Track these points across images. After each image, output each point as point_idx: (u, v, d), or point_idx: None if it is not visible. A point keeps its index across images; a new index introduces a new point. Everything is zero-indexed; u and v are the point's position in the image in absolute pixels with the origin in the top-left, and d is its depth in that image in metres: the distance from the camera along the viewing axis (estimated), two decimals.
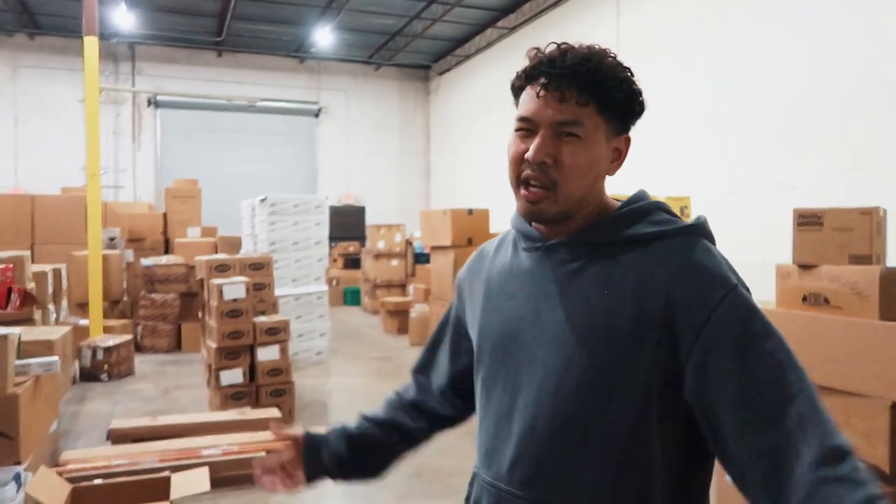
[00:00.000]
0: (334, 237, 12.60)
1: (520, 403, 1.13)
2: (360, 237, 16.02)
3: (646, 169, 9.94)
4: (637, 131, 1.23)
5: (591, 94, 1.08)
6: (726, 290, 1.03)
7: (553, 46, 1.13)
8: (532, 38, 13.21)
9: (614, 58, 1.13)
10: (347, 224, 16.38)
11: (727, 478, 1.01)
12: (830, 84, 7.41)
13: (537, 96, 1.10)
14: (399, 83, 18.42)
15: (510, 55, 13.52)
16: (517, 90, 1.16)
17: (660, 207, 1.17)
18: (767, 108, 8.21)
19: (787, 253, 3.52)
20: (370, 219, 16.17)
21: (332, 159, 17.71)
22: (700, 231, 1.14)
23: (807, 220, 3.40)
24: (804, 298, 3.37)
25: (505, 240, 1.33)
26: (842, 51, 7.29)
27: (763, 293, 4.47)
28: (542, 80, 1.09)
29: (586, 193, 1.13)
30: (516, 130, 1.14)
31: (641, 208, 1.16)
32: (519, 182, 1.13)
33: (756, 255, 7.92)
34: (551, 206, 1.11)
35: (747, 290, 1.07)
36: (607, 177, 1.18)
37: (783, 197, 7.56)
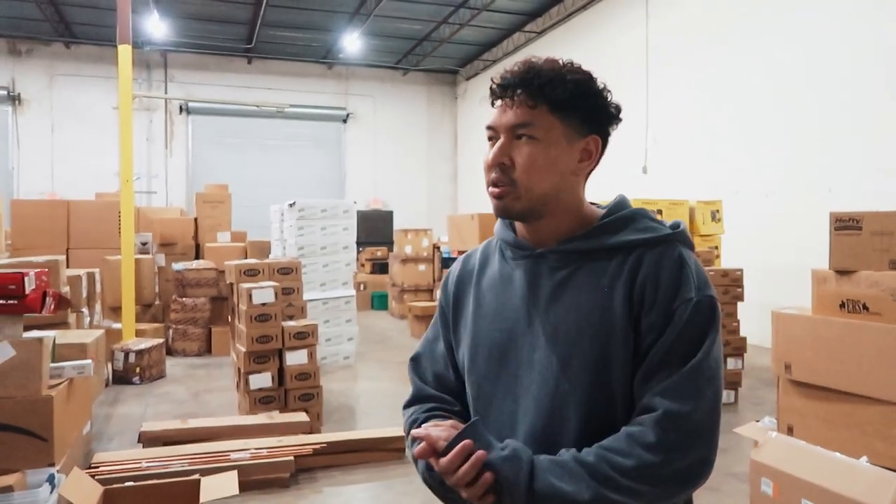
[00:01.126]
0: (362, 242, 12.67)
1: (520, 408, 1.21)
2: (388, 242, 16.07)
3: (678, 172, 9.83)
4: (668, 134, 1.21)
5: (538, 97, 1.17)
6: (691, 296, 1.14)
7: (515, 65, 1.23)
8: (560, 41, 13.16)
9: (572, 64, 1.21)
10: (375, 229, 16.45)
11: None
12: (868, 84, 7.25)
13: (493, 105, 1.23)
14: (426, 88, 18.47)
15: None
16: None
17: (643, 214, 1.25)
18: (802, 108, 8.05)
19: (823, 257, 3.43)
20: (398, 223, 16.21)
21: (359, 164, 17.81)
22: (680, 238, 1.22)
23: (844, 224, 3.31)
24: (842, 305, 3.28)
25: (489, 249, 1.39)
26: (881, 51, 7.12)
27: (798, 299, 4.38)
28: (499, 91, 1.22)
29: (551, 190, 1.19)
30: (488, 140, 1.25)
31: (626, 216, 1.23)
32: (487, 185, 1.23)
33: (790, 259, 7.78)
34: (515, 202, 1.19)
35: (714, 300, 1.17)
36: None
37: (819, 200, 7.40)
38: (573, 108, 1.18)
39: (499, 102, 1.22)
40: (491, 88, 1.24)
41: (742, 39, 8.96)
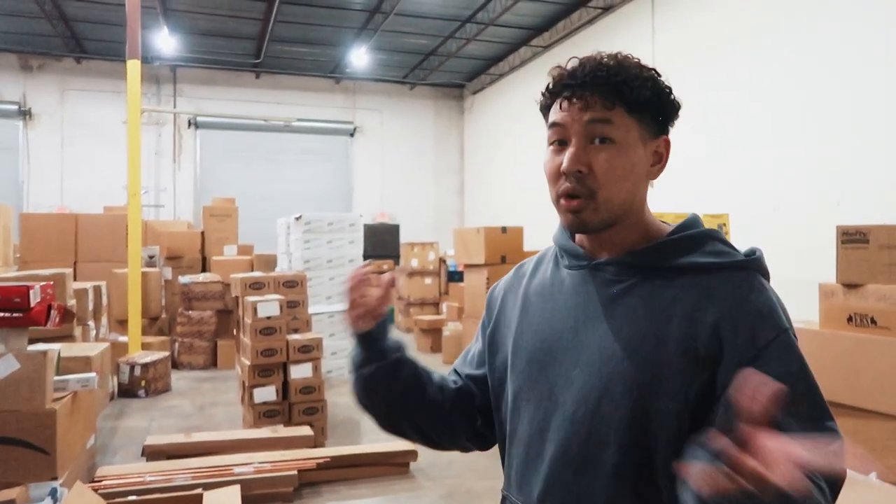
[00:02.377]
0: (368, 255, 12.67)
1: (553, 424, 1.10)
2: (395, 255, 16.08)
3: (684, 185, 9.80)
4: (675, 146, 1.19)
5: (615, 97, 1.07)
6: (776, 333, 1.01)
7: (574, 61, 1.13)
8: (566, 56, 13.05)
9: (637, 60, 1.13)
10: (382, 242, 16.46)
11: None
12: (874, 97, 7.23)
13: (561, 108, 1.10)
14: (433, 102, 18.55)
15: (544, 74, 13.36)
16: (544, 109, 1.16)
17: (714, 237, 1.13)
18: (809, 121, 8.04)
19: (831, 271, 3.41)
20: (404, 237, 16.22)
21: (367, 178, 17.87)
22: (755, 266, 1.10)
23: (851, 238, 3.29)
24: (849, 319, 3.25)
25: (545, 256, 1.30)
26: (889, 63, 7.11)
27: (805, 313, 4.35)
28: (566, 92, 1.09)
29: (627, 199, 1.10)
30: (550, 144, 1.13)
31: (696, 236, 1.12)
32: (559, 196, 1.11)
33: (798, 272, 7.71)
34: (593, 215, 1.09)
35: (793, 333, 1.04)
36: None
37: (826, 213, 7.36)
38: (649, 108, 1.10)
39: (565, 104, 1.09)
40: (554, 85, 1.12)
41: (748, 54, 8.97)
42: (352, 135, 17.86)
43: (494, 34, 13.95)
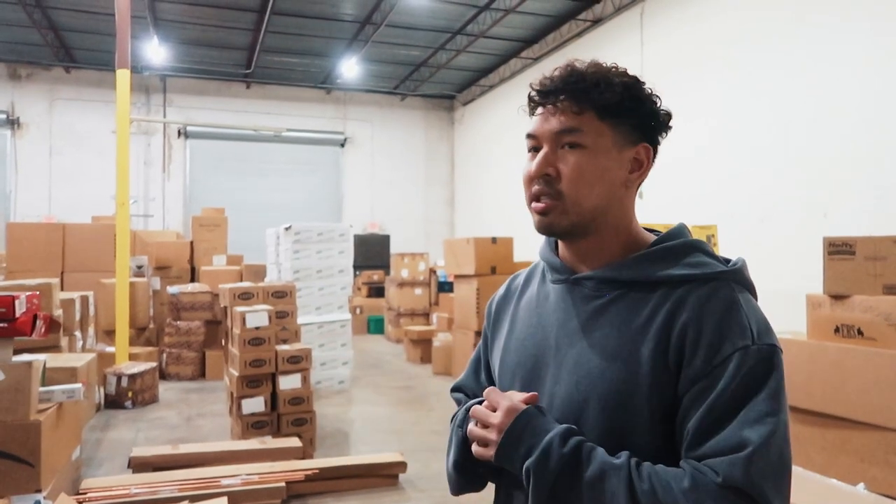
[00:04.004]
0: (358, 265, 12.65)
1: None
2: (385, 266, 16.07)
3: (671, 196, 9.87)
4: (663, 158, 1.20)
5: (585, 102, 1.08)
6: (733, 350, 0.99)
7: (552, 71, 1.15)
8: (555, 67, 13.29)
9: (614, 67, 1.12)
10: (372, 252, 16.46)
11: None
12: (861, 110, 7.31)
13: (534, 114, 1.14)
14: (424, 113, 18.61)
15: None
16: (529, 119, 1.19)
17: (697, 247, 1.12)
18: (797, 133, 8.11)
19: (818, 282, 3.43)
20: (394, 247, 16.23)
21: (357, 188, 17.87)
22: (732, 276, 1.08)
23: (838, 249, 3.32)
24: (836, 329, 3.27)
25: (536, 270, 1.31)
26: (873, 76, 7.20)
27: (793, 324, 4.37)
28: (539, 99, 1.12)
29: (599, 204, 1.09)
30: (528, 151, 1.16)
31: (677, 247, 1.11)
32: (530, 200, 1.14)
33: (786, 284, 7.76)
34: (561, 218, 1.09)
35: (776, 350, 1.02)
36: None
37: (813, 225, 7.43)
38: (623, 114, 1.09)
39: (539, 110, 1.13)
40: (530, 96, 1.14)
41: (736, 66, 9.06)
42: (342, 145, 17.87)
43: (485, 46, 14.03)
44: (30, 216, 13.97)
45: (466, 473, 1.21)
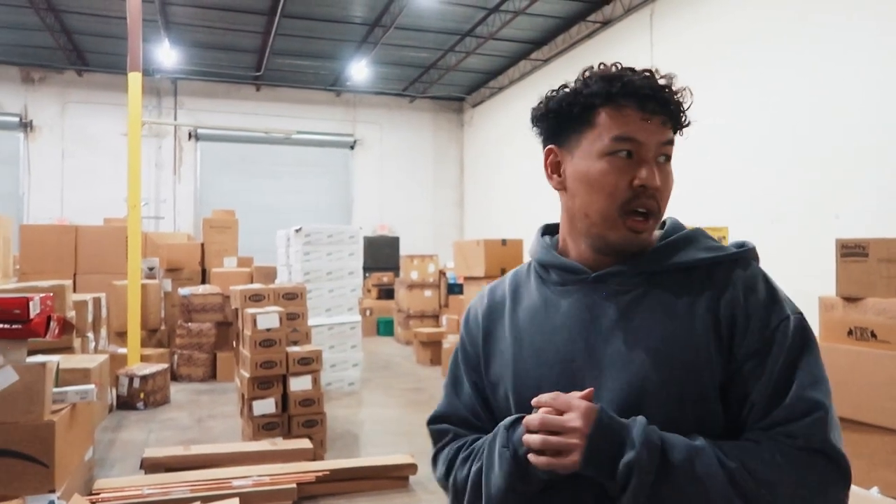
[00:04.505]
0: (368, 267, 12.66)
1: None
2: (394, 267, 16.08)
3: (680, 197, 9.83)
4: (673, 161, 1.20)
5: (675, 118, 1.09)
6: (783, 316, 1.06)
7: (620, 67, 1.12)
8: (565, 69, 13.28)
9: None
10: (381, 254, 16.47)
11: None
12: (873, 110, 7.27)
13: (642, 120, 1.07)
14: (433, 115, 18.63)
15: (543, 87, 13.50)
16: (582, 110, 1.10)
17: (704, 234, 1.16)
18: (808, 134, 8.07)
19: (831, 285, 3.41)
20: (404, 249, 16.24)
21: (366, 190, 17.91)
22: (754, 255, 1.15)
23: (851, 251, 3.30)
24: (849, 332, 3.25)
25: (520, 278, 1.25)
26: (885, 77, 7.15)
27: None
28: (636, 102, 1.06)
29: None
30: (610, 153, 1.07)
31: (689, 235, 1.15)
32: (624, 212, 1.08)
33: (797, 286, 7.71)
34: (649, 234, 1.10)
35: (801, 313, 1.09)
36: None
37: (825, 226, 7.38)
38: (681, 130, 1.14)
39: (638, 114, 1.06)
40: (645, 94, 1.07)
41: (746, 66, 9.02)
42: (352, 147, 17.92)
43: (494, 48, 14.04)
44: (42, 218, 14.07)
45: (517, 495, 1.07)
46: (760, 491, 0.96)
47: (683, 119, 1.10)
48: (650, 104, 1.06)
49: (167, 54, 13.65)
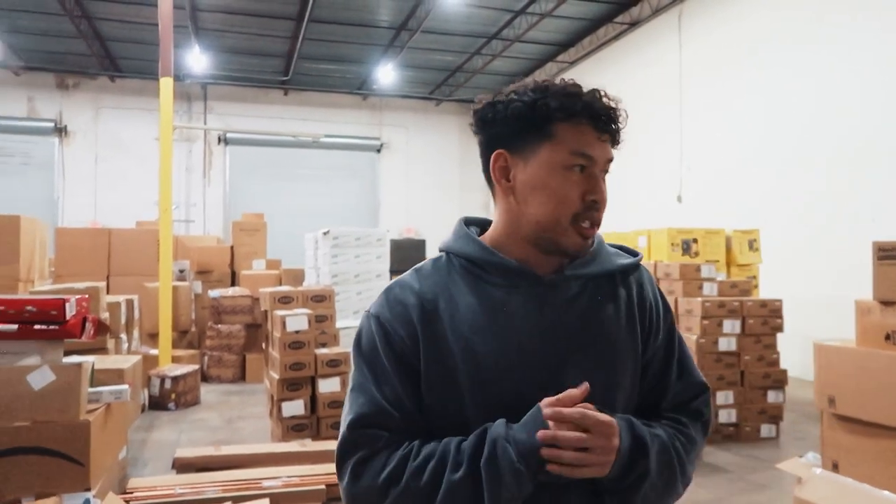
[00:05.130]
0: (395, 270, 12.68)
1: None
2: None
3: (713, 200, 9.71)
4: (702, 162, 1.22)
5: (616, 136, 1.17)
6: (670, 311, 1.32)
7: (599, 94, 1.17)
8: (591, 71, 13.21)
9: None
10: (408, 257, 16.44)
11: None
12: None
13: (597, 139, 1.15)
14: (459, 118, 18.63)
15: None
16: (541, 121, 1.14)
17: (604, 241, 1.31)
18: (842, 134, 7.92)
19: (867, 288, 3.34)
20: (430, 252, 16.25)
21: (393, 193, 17.97)
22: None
23: (888, 254, 3.23)
24: (887, 336, 3.18)
25: (440, 277, 1.21)
26: None
27: (840, 330, 4.26)
28: (589, 121, 1.14)
29: None
30: (570, 167, 1.14)
31: (602, 241, 1.28)
32: (575, 220, 1.15)
33: (832, 289, 7.58)
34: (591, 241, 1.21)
35: None
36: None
37: (861, 229, 7.24)
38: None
39: (594, 134, 1.14)
40: (574, 106, 1.12)
41: (778, 65, 8.89)
42: (378, 150, 18.00)
43: (520, 51, 14.01)
44: (76, 222, 14.36)
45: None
46: (690, 457, 1.22)
47: (619, 139, 1.18)
48: (602, 124, 1.14)
49: (197, 59, 13.85)
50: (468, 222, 1.32)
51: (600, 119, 1.13)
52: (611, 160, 1.18)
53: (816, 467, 2.95)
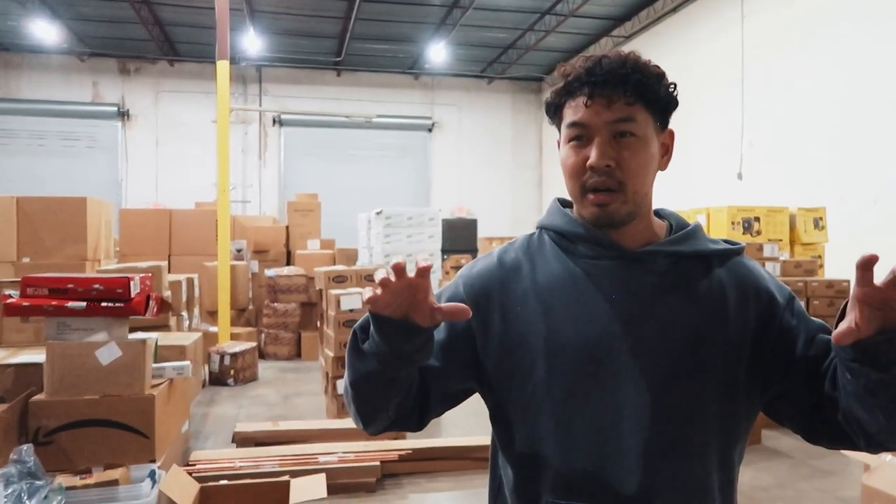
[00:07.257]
0: (447, 249, 12.72)
1: (628, 417, 1.11)
2: (473, 250, 16.08)
3: (776, 178, 9.37)
4: (765, 138, 1.16)
5: (636, 93, 1.12)
6: (788, 290, 1.25)
7: (582, 60, 1.16)
8: (649, 45, 12.85)
9: (639, 56, 1.17)
10: (460, 237, 16.49)
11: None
12: None
13: (585, 105, 1.12)
14: (511, 96, 18.44)
15: None
16: (555, 108, 1.19)
17: (702, 228, 1.29)
18: None
19: None
20: (482, 231, 16.23)
21: (445, 173, 17.96)
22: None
23: None
24: None
25: (531, 246, 1.26)
26: None
27: None
28: (586, 89, 1.12)
29: (648, 190, 1.18)
30: (568, 141, 1.16)
31: (697, 227, 1.25)
32: (584, 191, 1.15)
33: None
34: (622, 207, 1.14)
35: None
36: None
37: None
38: (661, 103, 1.16)
39: (582, 100, 1.12)
40: (569, 84, 1.15)
41: (846, 36, 8.47)
42: (430, 130, 17.98)
43: (574, 25, 13.73)
44: (139, 203, 14.84)
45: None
46: None
47: (647, 89, 1.12)
48: (595, 88, 1.11)
49: (252, 42, 14.05)
50: (564, 203, 1.32)
51: (593, 84, 1.11)
52: (621, 119, 1.11)
53: (886, 454, 2.84)
